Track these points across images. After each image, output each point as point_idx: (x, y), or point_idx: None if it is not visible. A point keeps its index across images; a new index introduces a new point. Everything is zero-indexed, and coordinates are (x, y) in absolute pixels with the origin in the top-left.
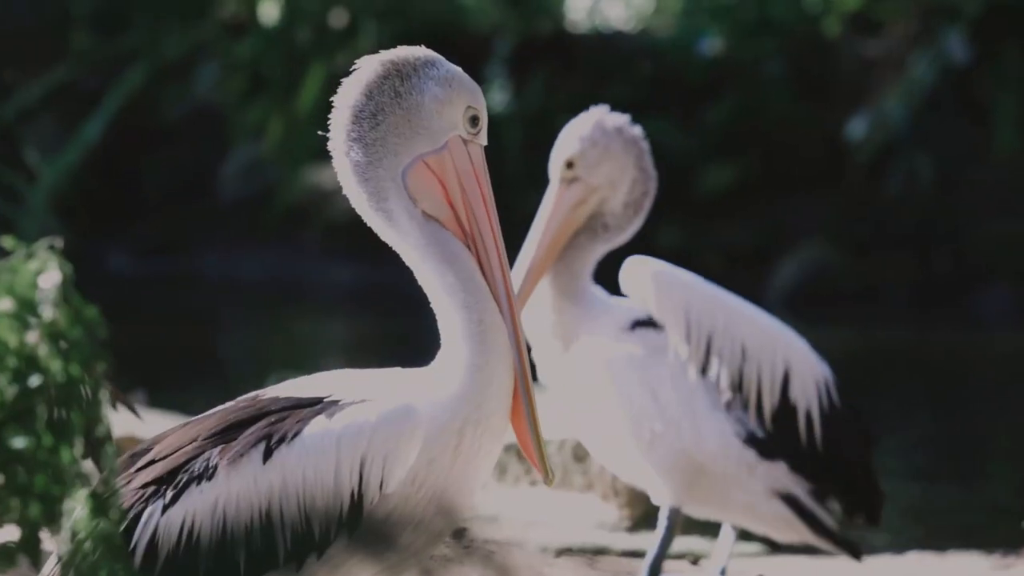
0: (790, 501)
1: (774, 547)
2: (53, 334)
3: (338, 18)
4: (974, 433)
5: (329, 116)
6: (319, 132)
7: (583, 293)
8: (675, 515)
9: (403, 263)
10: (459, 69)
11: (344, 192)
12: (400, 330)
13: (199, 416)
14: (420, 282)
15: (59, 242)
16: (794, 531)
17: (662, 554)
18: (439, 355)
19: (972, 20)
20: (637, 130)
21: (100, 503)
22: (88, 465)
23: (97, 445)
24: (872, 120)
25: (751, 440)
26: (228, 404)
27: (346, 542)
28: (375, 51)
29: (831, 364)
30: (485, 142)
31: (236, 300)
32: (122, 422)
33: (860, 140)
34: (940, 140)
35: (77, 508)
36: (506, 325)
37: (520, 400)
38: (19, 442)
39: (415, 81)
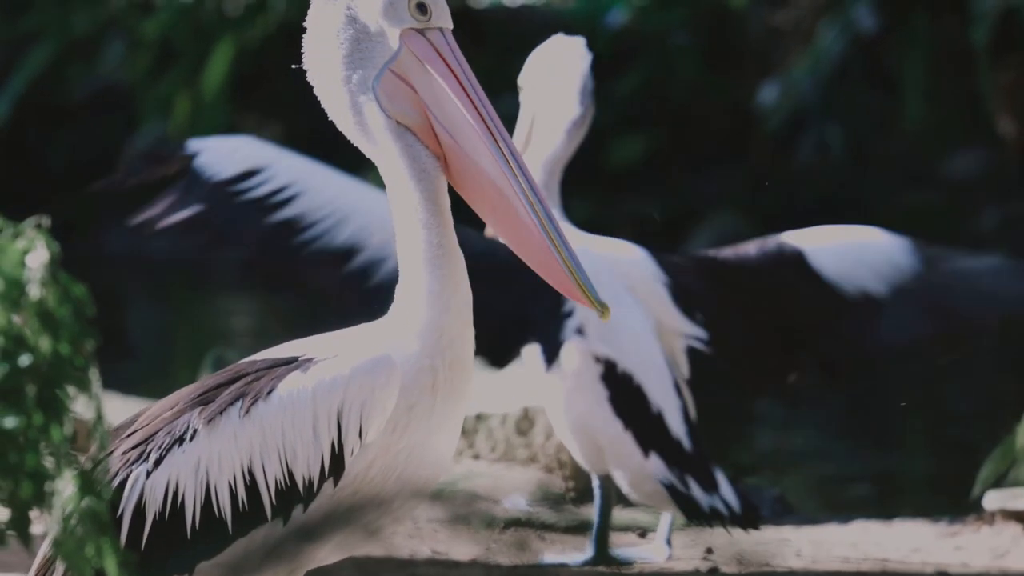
0: (668, 487)
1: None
2: (42, 313)
3: None
4: (891, 402)
5: (237, 93)
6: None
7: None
8: (606, 482)
9: None
10: None
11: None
12: (310, 307)
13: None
14: (389, 198)
15: (47, 221)
16: (671, 510)
17: (605, 523)
18: (399, 286)
19: None
20: (554, 51)
21: (87, 480)
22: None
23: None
24: (781, 89)
25: (636, 433)
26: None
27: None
28: (284, 27)
29: None
30: (447, 24)
31: (145, 278)
32: None
33: (770, 108)
34: (850, 110)
35: (66, 486)
36: (515, 184)
37: (548, 251)
38: (9, 422)
39: None
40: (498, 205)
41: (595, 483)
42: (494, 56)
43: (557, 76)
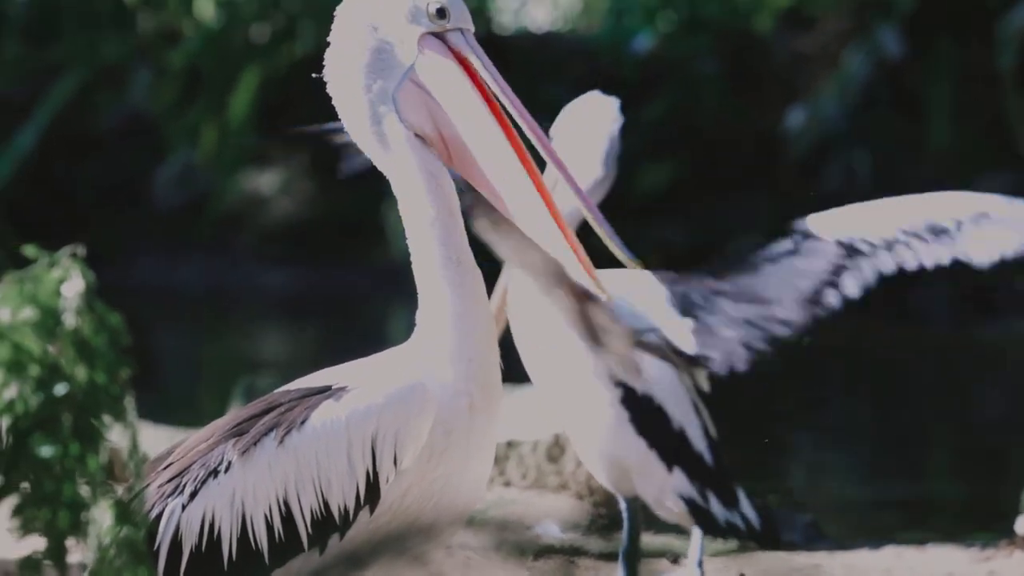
0: (687, 501)
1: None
2: (77, 342)
3: (275, 21)
4: (919, 428)
5: (263, 121)
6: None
7: None
8: (632, 504)
9: (337, 267)
10: None
11: (345, 128)
12: (338, 332)
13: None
14: (402, 212)
15: (82, 250)
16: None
17: (634, 546)
18: (420, 307)
19: (905, 13)
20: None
21: (124, 510)
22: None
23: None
24: (808, 115)
25: (660, 450)
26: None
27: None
28: (312, 55)
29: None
30: (467, 26)
31: (172, 307)
32: None
33: (797, 134)
34: (877, 135)
35: (103, 515)
36: (531, 176)
37: (560, 235)
38: (46, 451)
39: (378, 2)
40: (513, 194)
41: (622, 506)
42: (520, 82)
43: (586, 134)
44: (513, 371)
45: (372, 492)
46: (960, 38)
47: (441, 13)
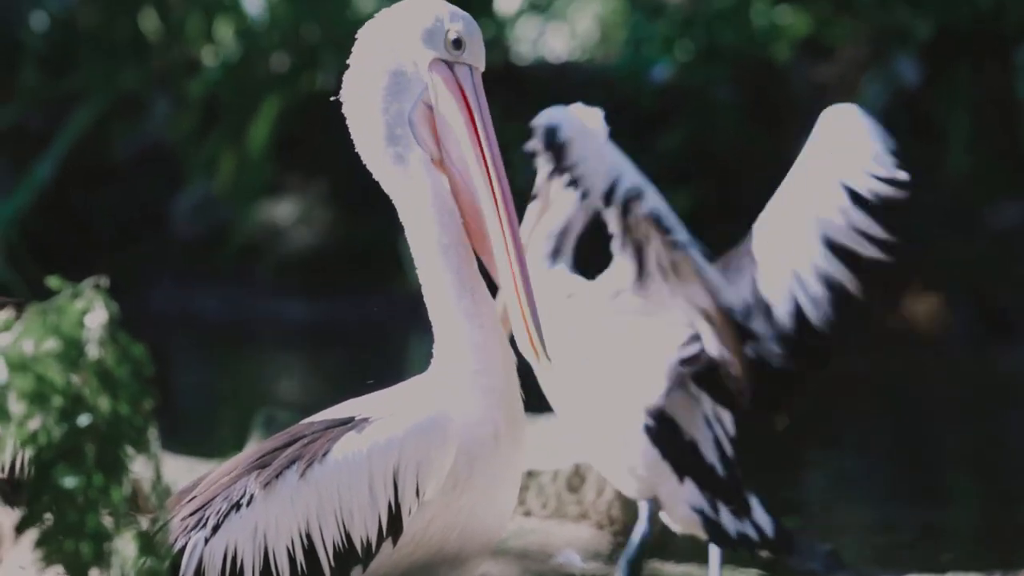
0: (698, 512)
1: (772, 571)
2: (100, 373)
3: (296, 51)
4: (937, 454)
5: (282, 152)
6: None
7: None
8: (653, 506)
9: (355, 297)
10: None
11: (358, 150)
12: (356, 365)
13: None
14: (411, 241)
15: (105, 281)
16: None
17: (641, 551)
18: (437, 337)
19: (922, 42)
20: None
21: (148, 541)
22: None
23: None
24: None
25: (672, 460)
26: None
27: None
28: (332, 86)
29: None
30: (478, 64)
31: (191, 337)
32: None
33: None
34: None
35: (126, 546)
36: (499, 225)
37: (513, 292)
38: (69, 481)
39: (399, 22)
40: (481, 238)
41: (643, 514)
42: (539, 111)
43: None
44: (532, 401)
45: (394, 524)
46: (977, 66)
47: (457, 44)
